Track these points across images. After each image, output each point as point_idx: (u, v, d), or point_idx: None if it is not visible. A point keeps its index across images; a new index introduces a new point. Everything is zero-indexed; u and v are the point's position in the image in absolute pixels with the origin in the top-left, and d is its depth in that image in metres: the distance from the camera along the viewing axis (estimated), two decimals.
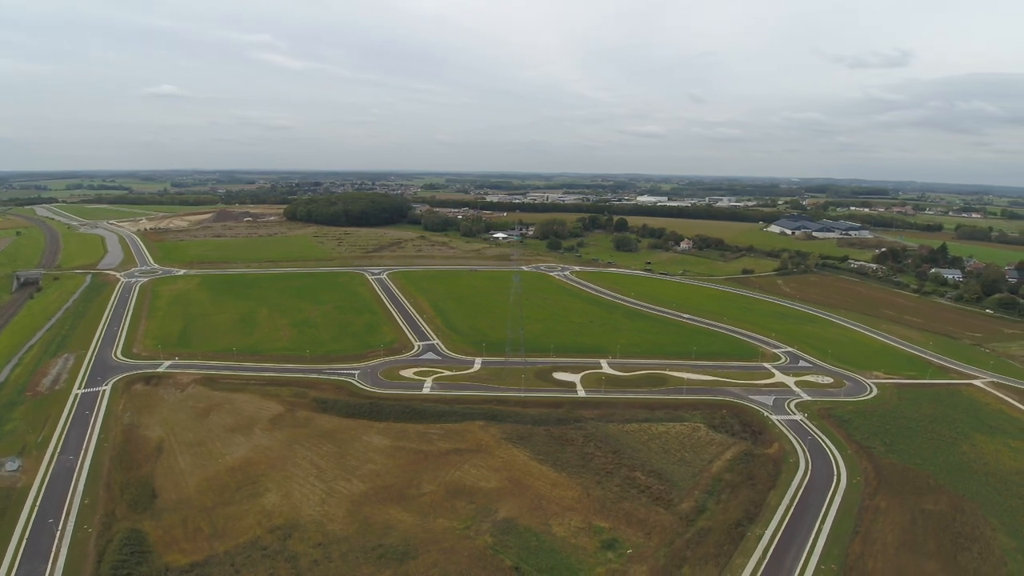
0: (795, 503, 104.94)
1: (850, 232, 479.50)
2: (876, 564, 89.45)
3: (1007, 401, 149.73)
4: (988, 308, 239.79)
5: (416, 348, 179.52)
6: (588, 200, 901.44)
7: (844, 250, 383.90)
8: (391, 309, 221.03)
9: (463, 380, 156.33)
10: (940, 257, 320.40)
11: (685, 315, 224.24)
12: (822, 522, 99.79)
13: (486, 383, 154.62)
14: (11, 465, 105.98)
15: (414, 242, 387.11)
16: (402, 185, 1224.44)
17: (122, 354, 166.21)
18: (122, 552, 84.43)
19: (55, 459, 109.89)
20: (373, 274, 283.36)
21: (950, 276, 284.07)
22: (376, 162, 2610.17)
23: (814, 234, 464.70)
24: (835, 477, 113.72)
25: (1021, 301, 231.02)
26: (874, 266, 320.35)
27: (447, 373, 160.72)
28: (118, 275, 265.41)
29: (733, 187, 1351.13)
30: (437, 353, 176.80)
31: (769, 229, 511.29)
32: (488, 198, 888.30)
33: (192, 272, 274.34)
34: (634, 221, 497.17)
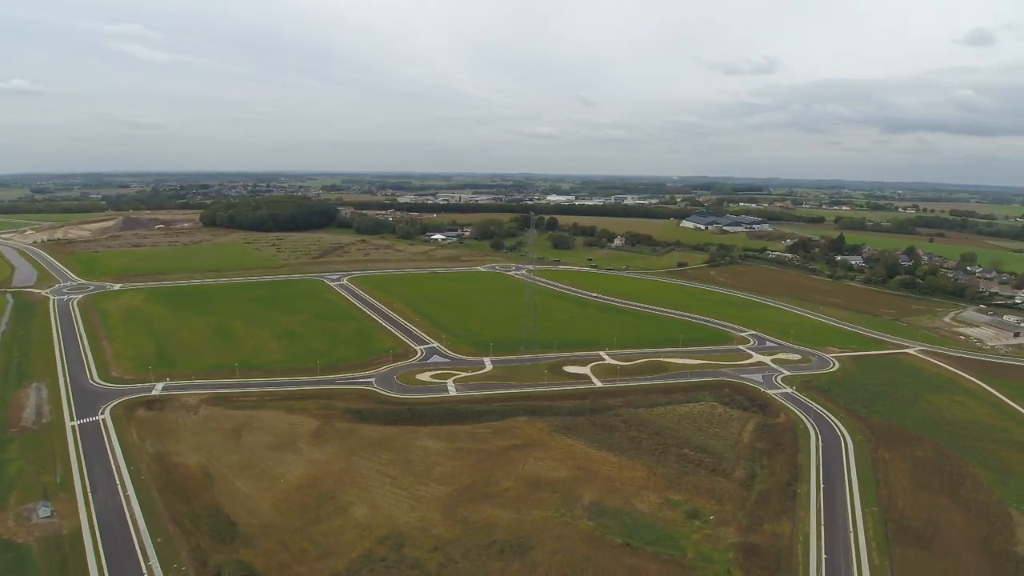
0: (822, 462, 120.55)
1: (753, 226, 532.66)
2: (903, 503, 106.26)
3: (939, 365, 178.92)
4: (892, 288, 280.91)
5: (420, 352, 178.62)
6: (500, 200, 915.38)
7: (756, 242, 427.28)
8: (372, 315, 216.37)
9: (482, 380, 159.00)
10: (841, 246, 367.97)
11: (654, 307, 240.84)
12: (848, 474, 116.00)
13: (505, 381, 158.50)
14: (44, 511, 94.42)
15: (356, 246, 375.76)
16: (301, 187, 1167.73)
17: (101, 379, 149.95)
18: None
19: (91, 499, 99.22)
20: (332, 280, 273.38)
21: (854, 262, 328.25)
22: (261, 162, 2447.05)
23: (725, 228, 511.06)
24: (841, 437, 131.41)
25: (919, 281, 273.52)
26: (789, 256, 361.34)
27: (463, 374, 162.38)
28: (44, 293, 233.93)
29: (626, 186, 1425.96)
30: (442, 355, 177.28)
31: (684, 225, 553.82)
32: (400, 199, 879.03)
33: (132, 286, 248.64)
34: (563, 220, 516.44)
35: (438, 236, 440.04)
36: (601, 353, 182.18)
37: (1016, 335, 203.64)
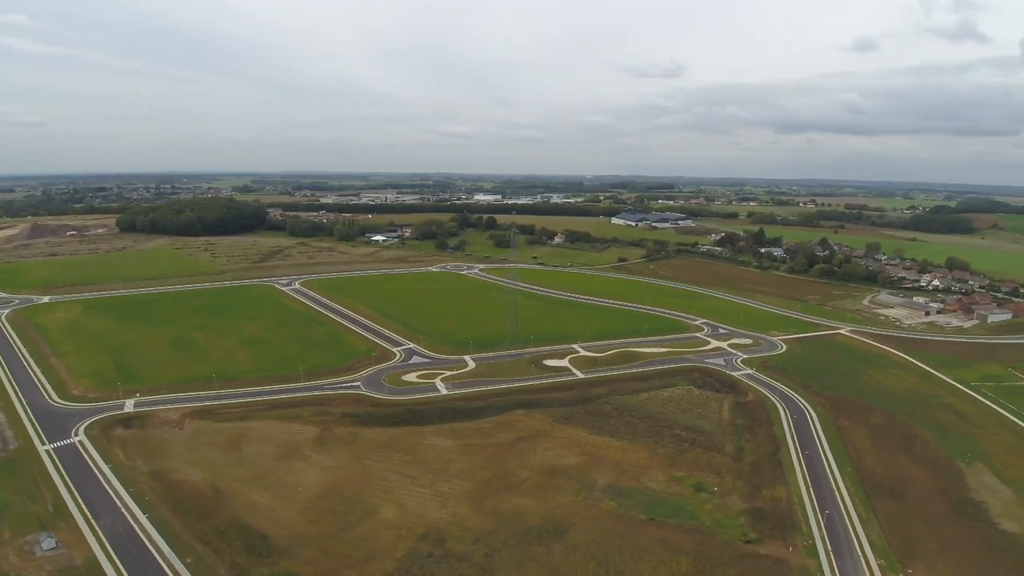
0: (795, 433, 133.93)
1: (679, 222, 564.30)
2: (871, 462, 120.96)
3: (869, 343, 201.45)
4: (813, 276, 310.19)
5: (399, 354, 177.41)
6: (427, 200, 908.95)
7: (685, 237, 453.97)
8: (338, 319, 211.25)
9: (469, 378, 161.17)
10: (762, 239, 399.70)
11: (611, 301, 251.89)
12: (820, 442, 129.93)
13: (492, 377, 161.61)
14: (48, 542, 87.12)
15: (296, 249, 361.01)
16: (210, 188, 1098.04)
17: (62, 399, 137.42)
18: None
19: (96, 526, 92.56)
20: (283, 285, 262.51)
21: (777, 253, 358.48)
22: (156, 162, 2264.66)
23: (654, 225, 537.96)
24: (804, 410, 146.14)
25: (837, 269, 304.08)
26: (719, 249, 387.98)
27: (449, 373, 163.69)
28: None
29: (547, 184, 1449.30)
30: (422, 356, 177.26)
31: (615, 222, 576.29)
32: (323, 200, 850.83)
33: (63, 298, 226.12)
34: (501, 219, 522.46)
35: (378, 237, 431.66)
36: (574, 346, 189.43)
37: (927, 314, 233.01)
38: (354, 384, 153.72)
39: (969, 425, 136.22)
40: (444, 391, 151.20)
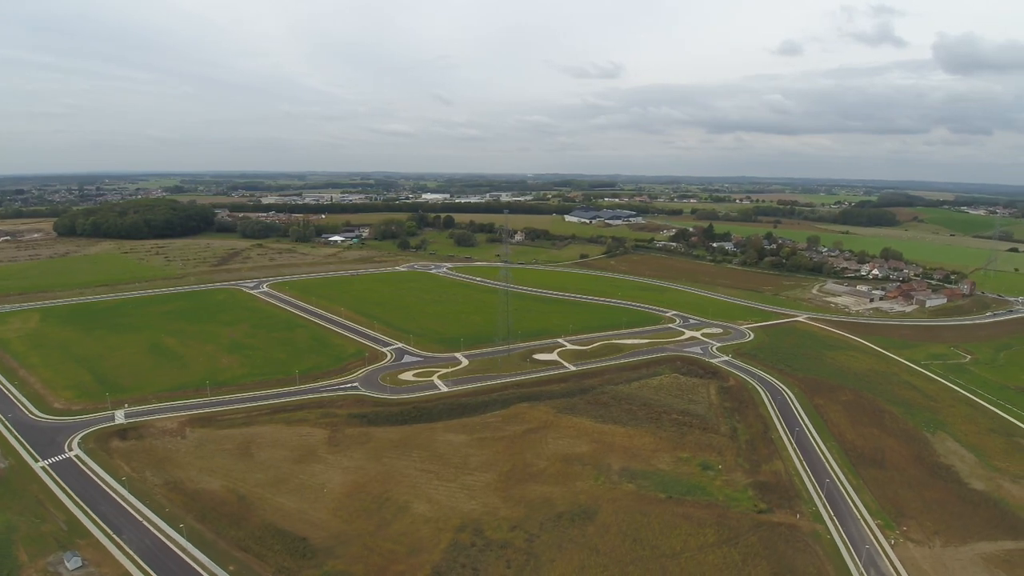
0: (779, 411, 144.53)
1: (630, 219, 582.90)
2: (850, 436, 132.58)
3: (826, 328, 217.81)
4: (763, 268, 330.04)
5: (389, 354, 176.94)
6: (373, 199, 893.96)
7: (640, 233, 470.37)
8: (318, 321, 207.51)
9: (465, 374, 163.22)
10: (713, 234, 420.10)
11: (583, 296, 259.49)
12: (802, 419, 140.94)
13: (487, 373, 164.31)
14: (74, 561, 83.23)
15: (254, 251, 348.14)
16: (139, 189, 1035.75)
17: (44, 413, 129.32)
18: None
19: (121, 541, 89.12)
20: (250, 288, 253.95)
21: (728, 247, 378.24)
22: (76, 162, 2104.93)
23: (607, 222, 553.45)
24: (782, 391, 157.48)
25: (785, 261, 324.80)
26: (674, 244, 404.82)
27: (444, 371, 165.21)
28: None
29: (490, 183, 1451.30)
30: (413, 355, 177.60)
31: (568, 219, 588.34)
32: (264, 200, 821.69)
33: (15, 308, 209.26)
34: (459, 218, 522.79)
35: (337, 238, 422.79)
36: (560, 340, 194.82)
37: (871, 301, 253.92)
38: (351, 385, 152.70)
39: (928, 399, 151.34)
40: (445, 388, 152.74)
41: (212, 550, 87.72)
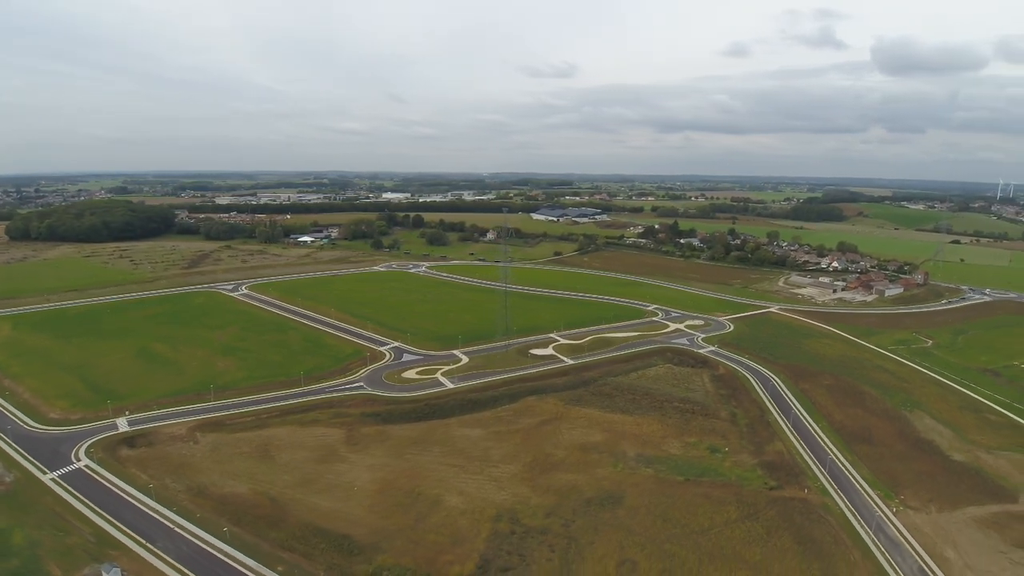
0: (770, 396, 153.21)
1: (595, 217, 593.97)
2: (838, 416, 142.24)
3: (798, 318, 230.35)
4: (730, 263, 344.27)
5: (387, 353, 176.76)
6: (332, 199, 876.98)
7: (608, 231, 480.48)
8: (307, 322, 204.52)
9: (467, 371, 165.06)
10: (679, 231, 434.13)
11: (565, 292, 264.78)
12: (792, 402, 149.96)
13: (489, 369, 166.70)
14: (113, 573, 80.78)
15: (225, 253, 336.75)
16: (81, 191, 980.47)
17: (40, 424, 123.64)
18: None
19: (156, 550, 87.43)
20: (228, 290, 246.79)
21: (696, 243, 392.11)
22: (11, 163, 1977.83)
23: (575, 220, 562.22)
24: (770, 378, 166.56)
25: (750, 256, 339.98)
26: (643, 241, 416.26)
27: (447, 368, 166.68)
28: None
29: (449, 182, 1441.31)
30: (412, 354, 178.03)
31: (536, 217, 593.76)
32: (218, 200, 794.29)
33: None
34: (428, 217, 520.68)
35: (306, 238, 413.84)
36: (552, 335, 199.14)
37: (834, 291, 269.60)
38: (357, 385, 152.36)
39: (901, 381, 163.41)
40: (450, 385, 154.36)
41: (256, 552, 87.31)
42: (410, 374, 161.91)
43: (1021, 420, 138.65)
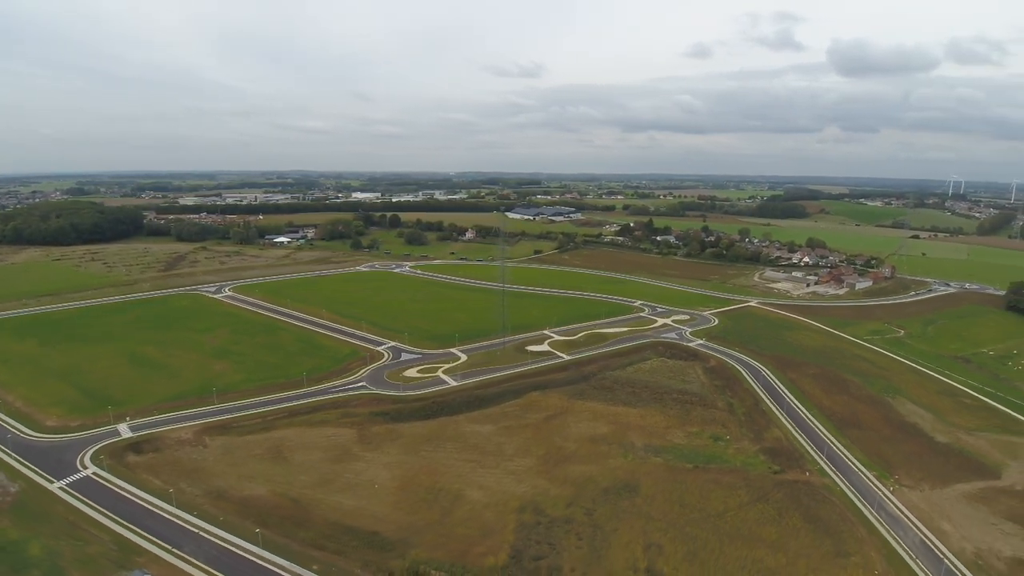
0: (762, 386, 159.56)
1: (571, 216, 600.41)
2: (827, 403, 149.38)
3: (777, 312, 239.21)
4: (706, 259, 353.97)
5: (385, 353, 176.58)
6: (300, 199, 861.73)
7: (585, 229, 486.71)
8: (297, 323, 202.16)
9: (468, 368, 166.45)
10: (655, 229, 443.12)
11: (552, 290, 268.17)
12: (782, 391, 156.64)
13: (489, 366, 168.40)
14: None
15: (201, 254, 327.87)
16: (34, 192, 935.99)
17: (38, 432, 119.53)
18: None
19: (184, 555, 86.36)
20: (211, 293, 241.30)
21: (672, 241, 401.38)
22: None
23: (551, 218, 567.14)
24: (759, 368, 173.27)
25: (725, 252, 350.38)
26: (621, 239, 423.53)
27: (447, 366, 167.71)
28: None
29: (417, 182, 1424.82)
30: (410, 353, 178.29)
31: (512, 216, 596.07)
32: (182, 201, 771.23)
33: None
34: (405, 217, 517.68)
35: (282, 239, 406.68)
36: (546, 332, 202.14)
37: (808, 285, 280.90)
38: (360, 384, 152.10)
39: (880, 369, 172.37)
40: (453, 382, 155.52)
41: (287, 552, 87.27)
42: (411, 373, 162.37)
43: (994, 403, 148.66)
